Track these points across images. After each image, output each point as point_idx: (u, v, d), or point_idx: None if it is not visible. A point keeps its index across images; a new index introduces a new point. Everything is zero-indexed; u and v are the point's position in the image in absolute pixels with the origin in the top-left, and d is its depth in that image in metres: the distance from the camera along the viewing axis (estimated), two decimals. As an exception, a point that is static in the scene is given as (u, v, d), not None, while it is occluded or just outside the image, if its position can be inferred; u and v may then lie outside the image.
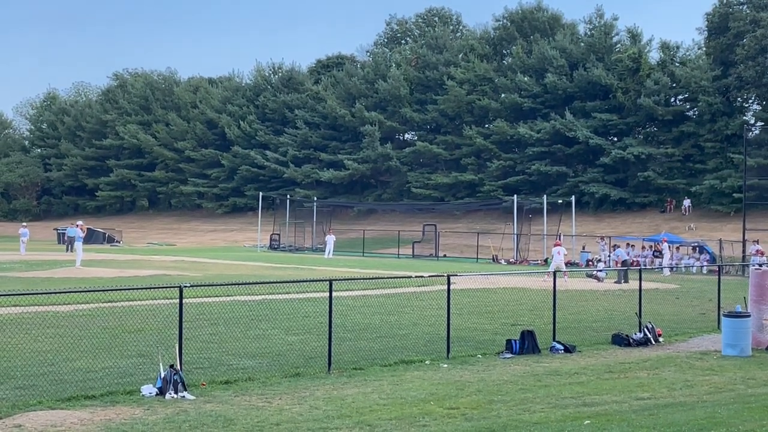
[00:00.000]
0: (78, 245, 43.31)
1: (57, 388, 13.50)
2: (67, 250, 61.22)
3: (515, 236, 61.14)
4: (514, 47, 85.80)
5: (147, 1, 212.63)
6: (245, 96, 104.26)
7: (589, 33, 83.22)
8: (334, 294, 16.62)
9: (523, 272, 41.82)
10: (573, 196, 64.91)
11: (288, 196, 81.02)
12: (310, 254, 66.33)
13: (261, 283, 19.53)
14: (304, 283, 20.69)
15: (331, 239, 63.27)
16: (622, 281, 37.74)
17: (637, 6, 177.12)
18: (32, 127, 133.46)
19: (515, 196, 64.72)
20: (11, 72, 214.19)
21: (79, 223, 47.28)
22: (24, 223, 63.78)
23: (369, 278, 23.45)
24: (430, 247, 65.19)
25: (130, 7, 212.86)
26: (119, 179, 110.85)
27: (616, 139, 77.61)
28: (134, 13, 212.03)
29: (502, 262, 57.41)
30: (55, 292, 15.63)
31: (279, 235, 74.71)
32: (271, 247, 72.62)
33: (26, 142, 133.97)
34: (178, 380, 13.59)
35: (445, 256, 63.60)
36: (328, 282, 16.80)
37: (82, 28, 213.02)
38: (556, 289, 20.26)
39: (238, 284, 19.10)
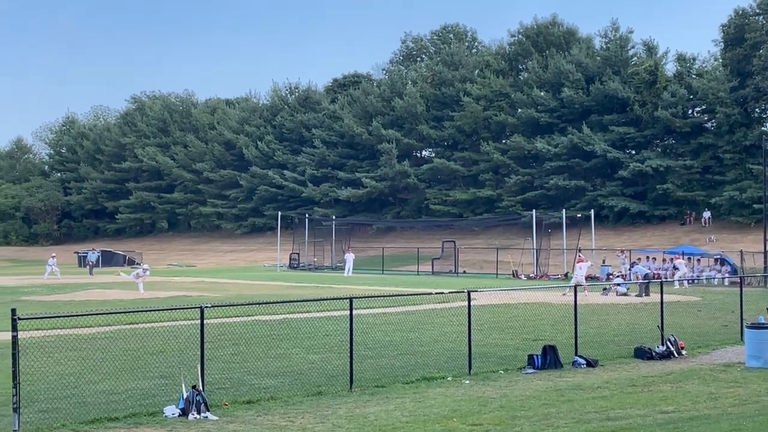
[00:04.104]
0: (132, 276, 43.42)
1: (80, 411, 13.55)
2: (90, 273, 61.45)
3: (535, 251, 60.98)
4: (529, 62, 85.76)
5: (163, 24, 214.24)
6: (262, 116, 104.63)
7: (604, 47, 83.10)
8: (354, 312, 16.61)
9: (543, 287, 41.68)
10: (592, 210, 64.70)
11: (307, 215, 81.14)
12: (330, 273, 66.34)
13: (281, 302, 19.58)
14: (325, 302, 20.67)
15: (350, 257, 63.31)
16: (644, 294, 37.55)
17: (653, 19, 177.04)
18: (52, 151, 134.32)
19: (534, 210, 64.57)
20: (30, 97, 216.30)
21: (147, 266, 47.87)
22: (54, 254, 64.45)
23: (389, 296, 23.43)
24: (450, 264, 65.10)
25: (147, 31, 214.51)
26: (139, 202, 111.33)
27: (634, 152, 77.30)
28: (151, 36, 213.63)
29: (522, 277, 57.24)
30: (77, 315, 15.69)
31: (298, 254, 74.80)
32: (291, 267, 72.69)
33: (46, 167, 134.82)
34: (201, 401, 13.61)
35: (464, 272, 63.48)
36: (348, 300, 16.80)
37: (99, 52, 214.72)
38: (578, 303, 20.18)
39: (259, 304, 19.12)
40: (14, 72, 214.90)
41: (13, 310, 12.75)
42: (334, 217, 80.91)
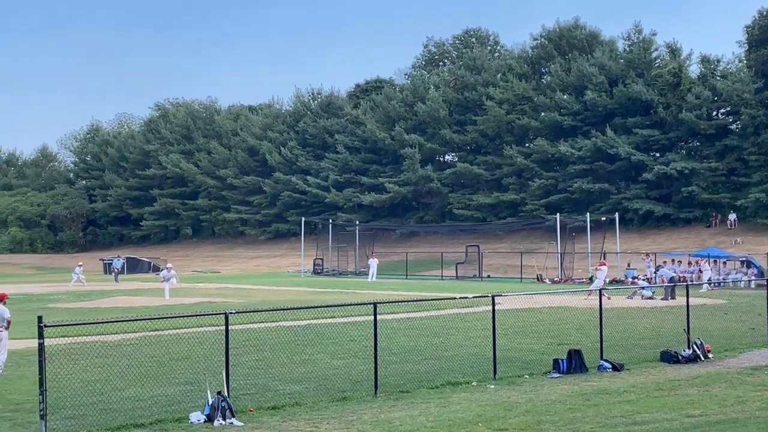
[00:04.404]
0: (166, 285, 43.44)
1: (106, 418, 13.61)
2: (115, 280, 61.75)
3: (559, 255, 60.74)
4: (552, 65, 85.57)
5: (186, 32, 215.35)
6: (285, 122, 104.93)
7: (627, 49, 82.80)
8: (379, 317, 16.61)
9: (568, 291, 41.52)
10: (616, 213, 64.33)
11: (330, 221, 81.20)
12: (354, 278, 66.35)
13: (306, 308, 19.60)
14: (349, 307, 20.68)
15: (374, 262, 63.33)
16: (669, 298, 37.32)
17: (676, 21, 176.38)
18: (77, 159, 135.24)
19: (558, 214, 64.35)
20: (55, 105, 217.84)
21: (170, 266, 47.85)
22: (81, 263, 64.97)
23: (413, 300, 23.33)
24: (474, 268, 64.92)
25: (170, 39, 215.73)
26: (163, 208, 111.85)
27: (658, 154, 76.86)
28: (174, 44, 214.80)
29: (547, 281, 57.02)
30: (103, 322, 15.79)
31: (322, 259, 74.86)
32: (315, 272, 72.75)
33: (71, 174, 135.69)
34: (226, 407, 13.64)
35: (488, 276, 63.30)
36: (372, 305, 16.79)
37: (123, 60, 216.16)
38: (603, 306, 20.08)
39: (284, 310, 19.16)
40: (39, 81, 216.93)
41: (39, 318, 12.82)
42: (357, 223, 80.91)
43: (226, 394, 14.08)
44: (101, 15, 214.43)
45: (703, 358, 19.92)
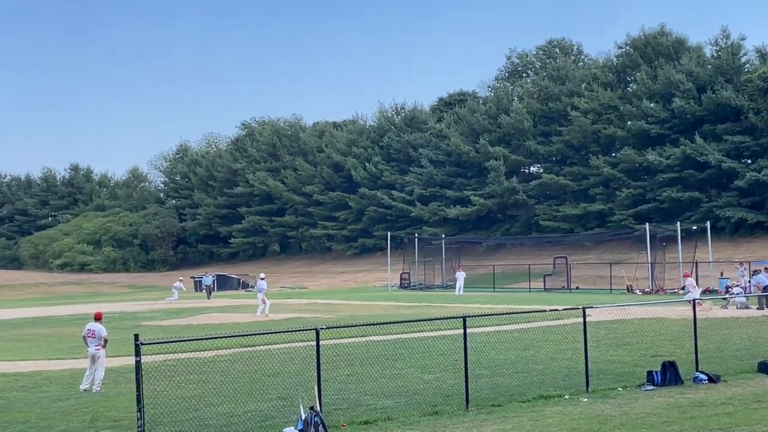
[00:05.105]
0: (260, 296, 43.79)
1: (202, 433, 13.81)
2: (208, 297, 62.65)
3: (649, 265, 59.79)
4: (638, 73, 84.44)
5: (271, 51, 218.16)
6: (369, 137, 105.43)
7: (715, 55, 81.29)
8: (468, 330, 16.57)
9: (660, 302, 40.82)
10: (707, 222, 63.00)
11: (416, 235, 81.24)
12: (441, 291, 66.26)
13: (395, 322, 19.58)
14: (438, 321, 20.67)
15: (461, 276, 63.15)
16: (765, 307, 36.45)
17: (765, 25, 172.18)
18: (166, 179, 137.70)
19: (647, 224, 63.33)
20: (145, 127, 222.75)
21: (262, 275, 48.23)
22: (181, 278, 66.39)
23: (502, 313, 23.23)
24: (562, 280, 64.33)
25: (254, 59, 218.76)
26: (251, 226, 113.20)
27: (750, 161, 75.15)
28: (259, 63, 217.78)
29: (638, 292, 56.15)
30: (197, 339, 16.06)
31: (409, 273, 74.94)
32: (402, 286, 72.85)
33: (161, 194, 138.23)
34: (319, 422, 13.73)
35: (577, 288, 62.65)
36: (462, 319, 16.75)
37: (210, 81, 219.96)
38: (697, 317, 19.71)
39: (373, 324, 19.22)
40: (129, 104, 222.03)
41: (136, 336, 13.11)
42: (443, 236, 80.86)
43: (318, 409, 14.18)
44: (188, 39, 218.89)
45: (803, 369, 19.39)
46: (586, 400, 16.48)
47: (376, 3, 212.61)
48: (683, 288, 49.65)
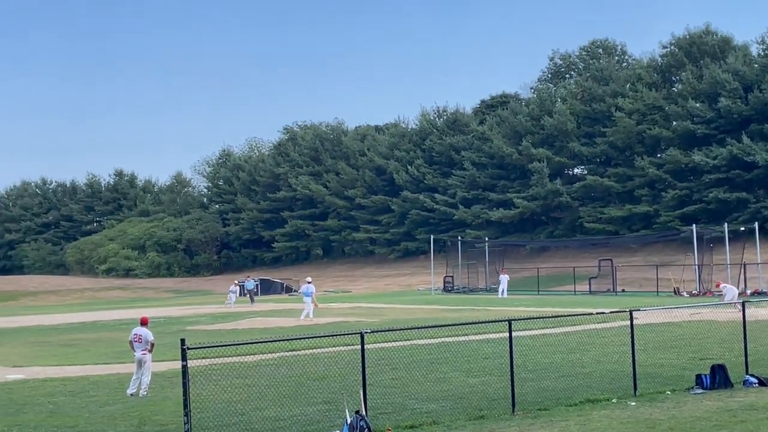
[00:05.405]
0: (307, 300, 43.76)
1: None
2: (251, 301, 62.94)
3: (696, 267, 59.12)
4: (683, 73, 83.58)
5: (312, 56, 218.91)
6: (411, 141, 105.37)
7: (762, 53, 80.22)
8: (513, 333, 16.44)
9: (707, 304, 40.32)
10: (756, 223, 62.21)
11: (459, 238, 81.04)
12: (485, 295, 66.03)
13: (440, 326, 19.56)
14: (482, 324, 20.55)
15: (504, 278, 62.93)
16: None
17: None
18: (209, 184, 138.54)
19: (694, 225, 62.68)
20: (188, 133, 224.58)
21: (309, 279, 48.21)
22: (236, 281, 66.96)
23: (548, 317, 23.07)
24: (607, 282, 63.85)
25: (296, 63, 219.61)
26: (294, 230, 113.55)
27: (799, 160, 74.08)
28: (301, 67, 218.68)
29: (685, 294, 55.56)
30: (242, 343, 16.06)
31: (452, 277, 74.78)
32: (445, 290, 72.72)
33: (205, 199, 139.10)
34: (365, 426, 13.69)
35: (623, 290, 62.15)
36: (506, 322, 16.63)
37: (252, 85, 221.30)
38: (746, 319, 19.41)
39: (418, 328, 19.15)
40: (172, 110, 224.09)
41: (183, 340, 13.14)
42: (486, 239, 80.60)
43: (364, 413, 14.13)
44: (231, 44, 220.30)
45: None
46: (633, 403, 16.28)
47: (418, 5, 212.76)
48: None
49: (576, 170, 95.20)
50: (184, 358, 12.97)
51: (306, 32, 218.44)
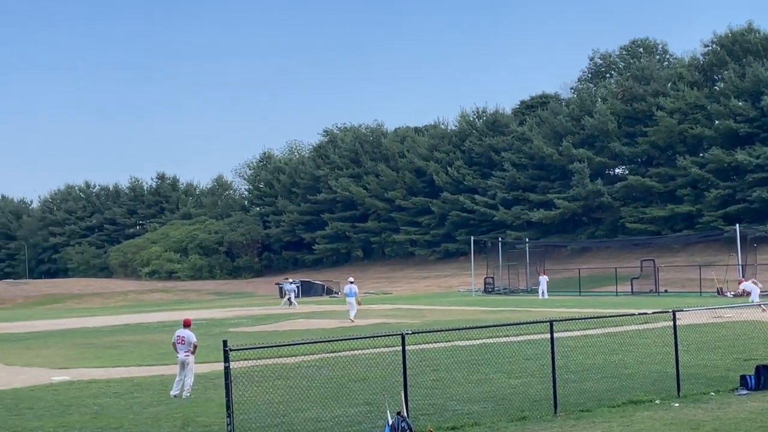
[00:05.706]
0: (351, 300, 43.63)
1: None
2: (290, 303, 63.08)
3: (740, 267, 58.47)
4: (725, 72, 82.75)
5: (351, 57, 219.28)
6: (451, 142, 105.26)
7: (806, 50, 79.29)
8: (554, 335, 16.39)
9: (752, 304, 39.87)
10: (800, 222, 61.52)
11: (499, 239, 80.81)
12: (526, 296, 65.78)
13: (480, 327, 19.53)
14: (523, 326, 20.49)
15: (543, 280, 62.69)
16: None
17: None
18: (250, 186, 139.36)
19: (737, 225, 62.00)
20: (229, 136, 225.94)
21: (351, 279, 48.24)
22: (290, 280, 67.58)
23: (589, 318, 22.94)
24: (650, 283, 63.34)
25: (336, 66, 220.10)
26: (334, 232, 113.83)
27: None
28: (340, 69, 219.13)
29: (729, 294, 54.95)
30: (283, 345, 16.16)
31: (493, 278, 74.58)
32: (486, 291, 72.55)
33: (246, 202, 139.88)
34: (406, 427, 13.70)
35: (666, 291, 61.62)
36: (548, 323, 16.58)
37: (292, 88, 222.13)
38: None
39: (458, 329, 19.12)
40: (213, 114, 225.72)
41: (225, 342, 13.23)
42: (527, 240, 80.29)
43: (405, 414, 14.15)
44: (270, 47, 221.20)
45: None
46: (677, 405, 16.16)
47: (458, 6, 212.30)
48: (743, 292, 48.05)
49: (617, 170, 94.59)
50: (226, 360, 13.07)
51: (346, 34, 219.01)
